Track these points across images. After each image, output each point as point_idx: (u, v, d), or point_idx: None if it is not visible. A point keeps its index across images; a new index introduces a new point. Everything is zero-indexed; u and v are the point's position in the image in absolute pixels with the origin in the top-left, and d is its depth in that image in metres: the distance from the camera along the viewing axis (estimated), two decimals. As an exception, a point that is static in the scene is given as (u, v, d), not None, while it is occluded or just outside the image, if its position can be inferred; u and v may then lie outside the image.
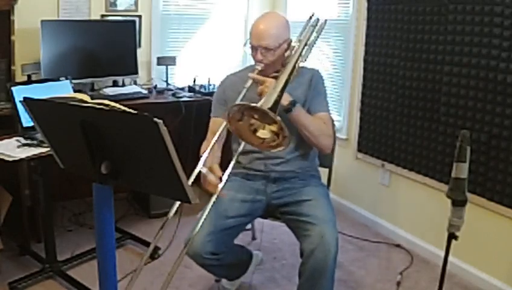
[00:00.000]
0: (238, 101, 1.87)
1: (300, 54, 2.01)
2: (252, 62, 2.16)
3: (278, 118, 1.65)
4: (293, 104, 1.97)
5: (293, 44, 2.10)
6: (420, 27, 2.74)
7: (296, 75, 1.98)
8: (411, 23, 2.80)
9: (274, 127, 1.70)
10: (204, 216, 1.87)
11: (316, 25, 2.13)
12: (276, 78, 1.92)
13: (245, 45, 2.10)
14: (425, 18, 2.70)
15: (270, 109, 1.67)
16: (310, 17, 2.19)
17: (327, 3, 3.52)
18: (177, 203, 1.80)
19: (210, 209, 1.88)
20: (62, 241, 2.77)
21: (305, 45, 2.05)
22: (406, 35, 2.83)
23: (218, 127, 2.18)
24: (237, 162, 2.25)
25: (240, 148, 2.07)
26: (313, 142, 2.09)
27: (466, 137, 1.89)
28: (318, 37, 2.12)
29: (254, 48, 2.05)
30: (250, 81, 1.96)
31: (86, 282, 2.38)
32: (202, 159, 1.89)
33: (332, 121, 2.30)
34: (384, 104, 3.05)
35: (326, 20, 2.16)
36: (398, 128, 2.97)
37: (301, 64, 2.06)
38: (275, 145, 1.73)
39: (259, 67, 2.02)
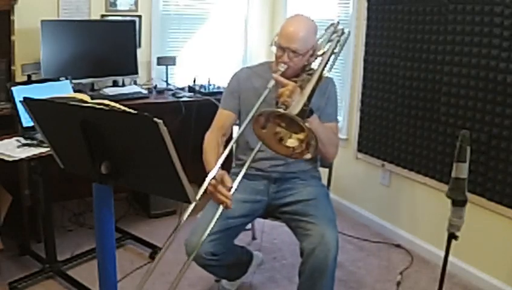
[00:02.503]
0: (258, 104, 1.85)
1: (326, 63, 1.96)
2: (257, 61, 2.14)
3: (307, 124, 1.63)
4: (310, 112, 1.94)
5: (318, 52, 2.05)
6: (420, 27, 2.74)
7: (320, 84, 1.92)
8: (411, 23, 2.79)
9: (301, 135, 1.67)
10: (212, 222, 1.86)
11: (341, 35, 2.07)
12: (296, 81, 1.90)
13: (272, 44, 2.07)
14: (425, 18, 2.70)
15: (297, 115, 1.64)
16: (332, 24, 2.14)
17: (327, 3, 3.52)
18: (191, 205, 1.75)
19: (208, 209, 1.88)
20: (62, 241, 2.77)
21: (332, 53, 2.00)
22: (406, 35, 2.83)
23: (225, 119, 2.19)
24: (238, 159, 2.26)
25: (251, 157, 2.05)
26: (320, 149, 2.07)
27: (466, 137, 1.89)
28: (342, 49, 2.07)
29: (281, 49, 2.02)
30: (272, 82, 1.92)
31: (86, 282, 2.38)
32: (212, 173, 1.81)
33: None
34: (384, 104, 3.05)
35: (350, 32, 2.12)
36: (398, 128, 2.97)
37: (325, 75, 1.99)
38: (302, 153, 1.70)
39: (282, 69, 1.98)
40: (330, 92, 2.19)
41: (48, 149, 1.74)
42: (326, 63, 1.97)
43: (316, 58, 2.08)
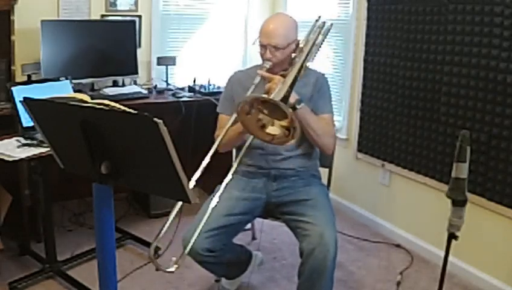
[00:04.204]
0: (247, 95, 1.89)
1: (308, 53, 2.03)
2: (257, 62, 2.18)
3: (289, 109, 1.65)
4: (299, 102, 1.99)
5: (300, 45, 2.12)
6: (420, 27, 2.74)
7: (303, 74, 2.00)
8: (411, 23, 2.79)
9: (284, 122, 1.70)
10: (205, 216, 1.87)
11: (323, 27, 2.15)
12: (283, 76, 1.93)
13: (254, 43, 2.14)
14: (425, 18, 2.70)
15: (281, 100, 1.67)
16: (317, 20, 2.20)
17: (327, 3, 3.52)
18: (179, 203, 1.79)
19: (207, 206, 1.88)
20: (62, 241, 2.77)
21: (313, 45, 2.07)
22: (406, 35, 2.83)
23: (227, 121, 2.20)
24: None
25: (243, 151, 2.07)
26: (315, 140, 2.10)
27: (466, 137, 1.89)
28: (324, 39, 2.15)
29: (263, 47, 2.09)
30: (258, 78, 1.98)
31: (86, 282, 2.38)
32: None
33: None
34: (384, 104, 3.05)
35: (332, 24, 2.19)
36: (398, 128, 2.97)
37: (308, 65, 2.08)
38: (285, 140, 1.74)
39: (267, 65, 2.04)
40: (322, 84, 2.22)
41: (48, 149, 1.74)
42: (308, 52, 2.03)
43: (300, 52, 2.11)
